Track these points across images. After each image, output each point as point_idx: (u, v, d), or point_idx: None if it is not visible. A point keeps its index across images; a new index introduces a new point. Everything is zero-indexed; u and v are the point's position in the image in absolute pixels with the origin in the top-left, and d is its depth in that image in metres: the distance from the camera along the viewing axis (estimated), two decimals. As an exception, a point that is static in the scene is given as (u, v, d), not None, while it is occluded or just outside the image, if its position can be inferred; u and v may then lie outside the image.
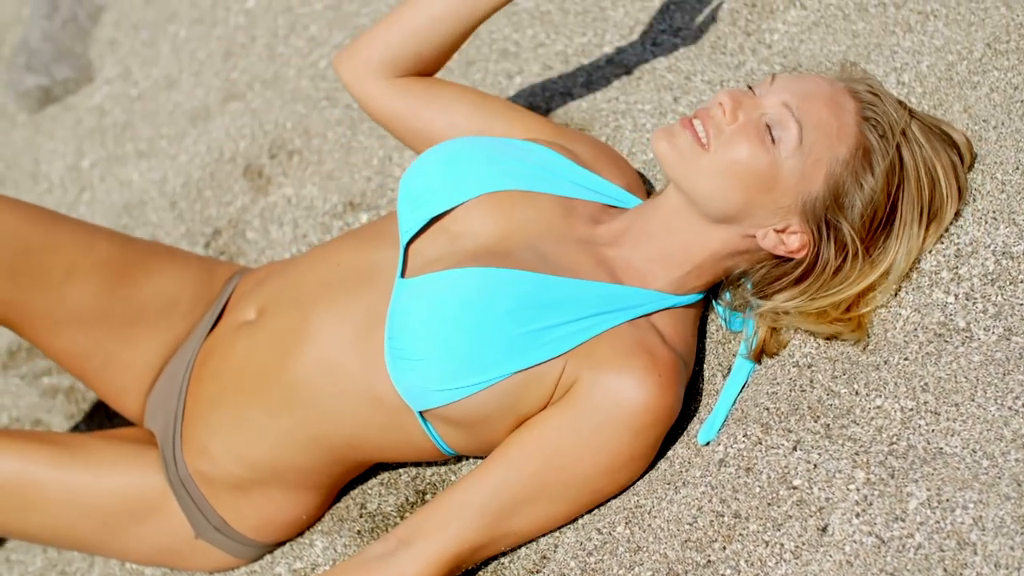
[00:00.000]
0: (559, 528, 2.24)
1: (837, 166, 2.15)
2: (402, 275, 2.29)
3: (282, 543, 2.51)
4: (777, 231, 2.19)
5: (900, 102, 2.23)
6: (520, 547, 2.27)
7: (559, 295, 2.20)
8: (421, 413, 2.26)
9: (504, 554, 2.27)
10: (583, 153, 2.45)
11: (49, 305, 2.43)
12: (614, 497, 2.23)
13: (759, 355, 2.28)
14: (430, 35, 2.48)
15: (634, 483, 2.22)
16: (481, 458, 2.40)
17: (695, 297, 2.30)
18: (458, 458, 2.46)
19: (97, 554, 2.50)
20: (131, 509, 2.41)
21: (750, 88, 2.21)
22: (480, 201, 2.32)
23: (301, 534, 2.51)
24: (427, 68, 2.53)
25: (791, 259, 2.22)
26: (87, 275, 2.45)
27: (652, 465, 2.24)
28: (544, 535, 2.25)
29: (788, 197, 2.16)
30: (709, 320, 2.41)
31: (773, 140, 2.15)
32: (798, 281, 2.21)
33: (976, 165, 2.28)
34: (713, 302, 2.36)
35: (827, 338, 2.24)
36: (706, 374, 2.35)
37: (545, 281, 2.21)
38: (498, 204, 2.31)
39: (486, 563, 2.29)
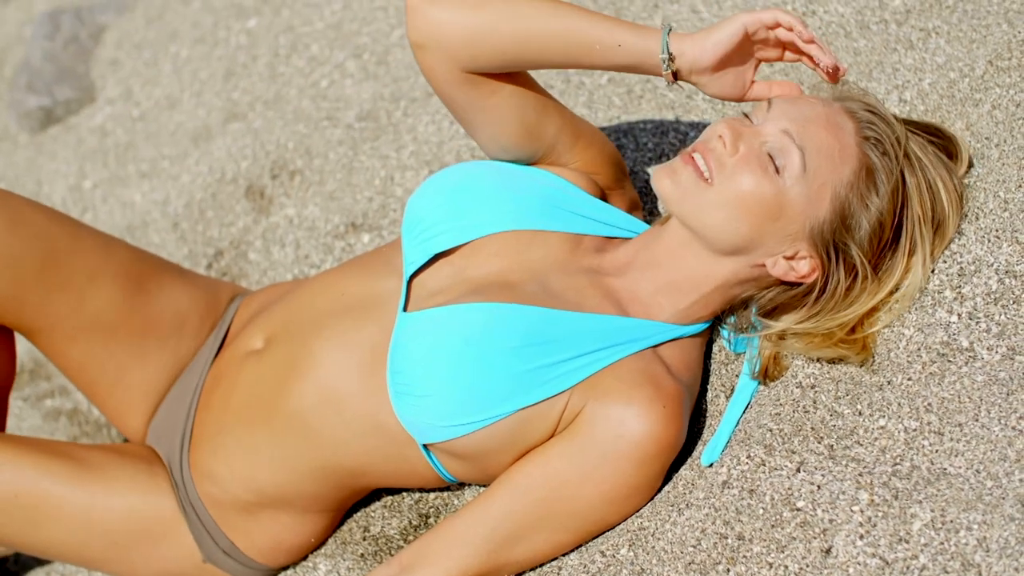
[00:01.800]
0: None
1: (842, 188, 2.14)
2: (404, 308, 2.28)
3: (287, 567, 2.51)
4: (786, 258, 2.18)
5: (895, 117, 2.22)
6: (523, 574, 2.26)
7: (565, 330, 2.19)
8: (425, 445, 2.26)
9: (508, 578, 2.27)
10: (604, 177, 2.42)
11: (70, 309, 2.44)
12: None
13: (763, 376, 2.27)
14: (523, 56, 2.22)
15: (638, 511, 2.22)
16: (485, 485, 2.39)
17: (701, 327, 2.29)
18: (461, 484, 2.45)
19: (103, 572, 2.49)
20: (144, 529, 2.41)
21: (746, 115, 2.20)
22: (487, 240, 2.30)
23: (305, 558, 2.51)
24: (502, 72, 2.26)
25: (800, 283, 2.21)
26: (108, 281, 2.46)
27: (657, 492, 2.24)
28: (548, 562, 2.25)
29: (795, 224, 2.15)
30: (712, 341, 2.40)
31: (776, 169, 2.13)
32: (807, 304, 2.20)
33: (978, 183, 2.27)
34: (719, 326, 2.35)
35: (831, 361, 2.23)
36: (709, 395, 2.34)
37: (550, 316, 2.20)
38: (505, 243, 2.30)
39: (490, 586, 2.29)
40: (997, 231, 2.20)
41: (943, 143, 2.26)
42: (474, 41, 2.18)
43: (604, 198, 2.41)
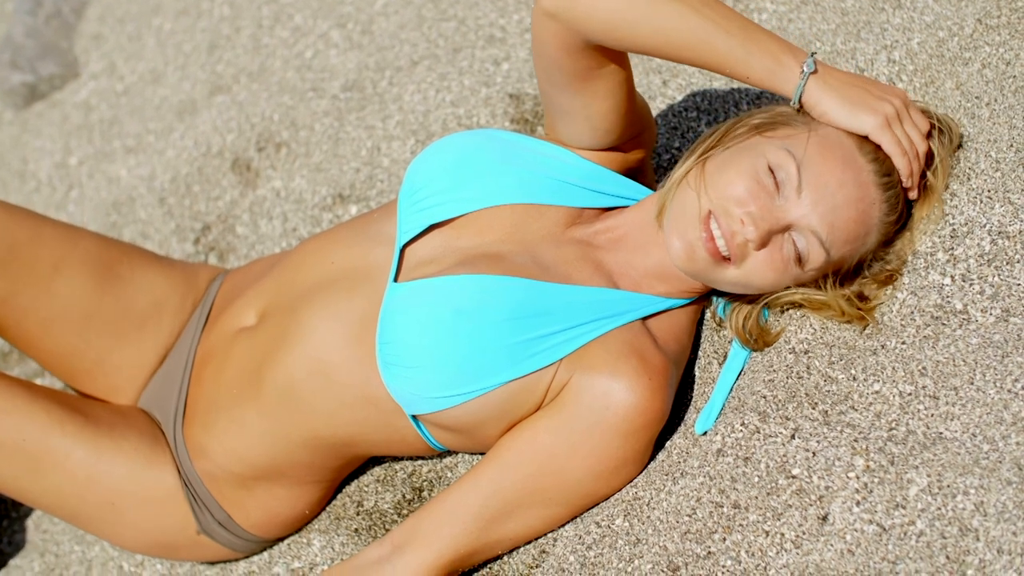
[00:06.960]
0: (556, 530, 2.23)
1: (863, 252, 2.17)
2: (395, 278, 2.26)
3: (282, 539, 2.50)
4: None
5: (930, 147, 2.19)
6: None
7: (555, 302, 2.18)
8: (414, 416, 2.24)
9: (502, 552, 2.26)
10: (634, 158, 2.38)
11: (38, 300, 2.42)
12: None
13: (756, 342, 2.26)
14: (653, 51, 2.14)
15: (630, 483, 2.21)
16: (475, 454, 2.38)
17: (693, 299, 2.29)
18: (454, 455, 2.44)
19: (90, 532, 2.47)
20: (142, 495, 2.40)
21: (771, 171, 2.12)
22: (483, 212, 2.28)
23: (299, 531, 2.50)
24: (616, 49, 2.18)
25: None
26: (75, 270, 2.45)
27: (647, 464, 2.22)
28: (541, 537, 2.24)
29: (807, 281, 2.20)
30: (705, 306, 2.38)
31: (799, 263, 2.14)
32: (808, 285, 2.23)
33: (969, 143, 2.25)
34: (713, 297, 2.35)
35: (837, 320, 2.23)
36: (702, 362, 2.33)
37: (540, 288, 2.19)
38: (500, 216, 2.28)
39: (485, 560, 2.27)
40: (989, 191, 2.18)
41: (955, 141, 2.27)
42: (610, 27, 2.09)
43: (625, 171, 2.38)
